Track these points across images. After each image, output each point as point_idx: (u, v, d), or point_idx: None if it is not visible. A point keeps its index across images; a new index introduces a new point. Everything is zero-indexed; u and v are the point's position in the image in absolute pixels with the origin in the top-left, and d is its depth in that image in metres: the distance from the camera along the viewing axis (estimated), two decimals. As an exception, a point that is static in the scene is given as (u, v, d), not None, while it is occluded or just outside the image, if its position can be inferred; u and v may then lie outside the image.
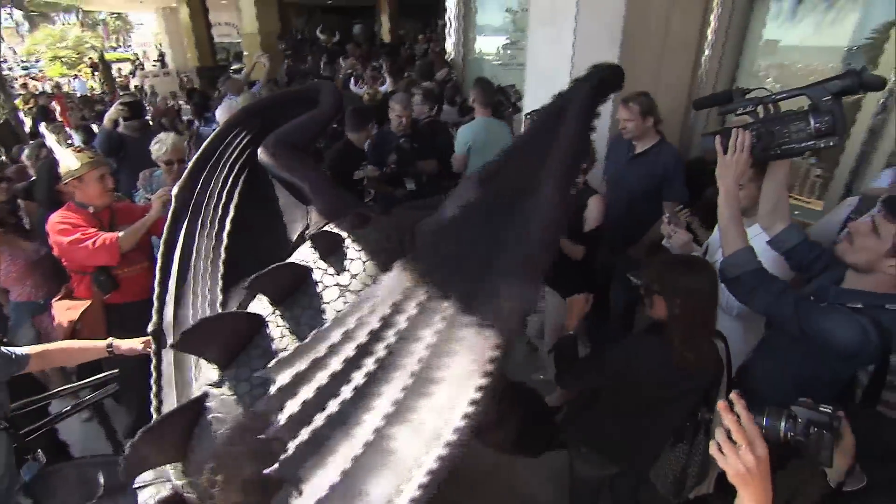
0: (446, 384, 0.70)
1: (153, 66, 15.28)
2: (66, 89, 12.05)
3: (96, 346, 1.65)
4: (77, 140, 2.11)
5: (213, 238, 1.55)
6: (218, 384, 1.09)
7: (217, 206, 1.59)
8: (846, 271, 1.35)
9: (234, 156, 1.67)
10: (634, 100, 2.54)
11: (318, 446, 0.78)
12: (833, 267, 1.40)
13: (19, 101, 9.32)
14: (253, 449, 1.00)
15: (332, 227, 1.28)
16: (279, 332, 1.12)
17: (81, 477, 1.50)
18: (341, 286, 1.14)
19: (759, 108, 1.40)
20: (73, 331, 2.10)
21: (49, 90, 11.95)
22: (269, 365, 0.92)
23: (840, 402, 1.07)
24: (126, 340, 1.65)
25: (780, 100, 1.38)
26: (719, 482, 1.39)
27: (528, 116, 2.76)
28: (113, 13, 24.73)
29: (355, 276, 1.15)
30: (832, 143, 1.31)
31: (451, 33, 5.30)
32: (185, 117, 6.40)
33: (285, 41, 7.20)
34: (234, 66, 11.97)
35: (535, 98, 3.15)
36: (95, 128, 5.07)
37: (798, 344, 1.35)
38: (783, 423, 0.97)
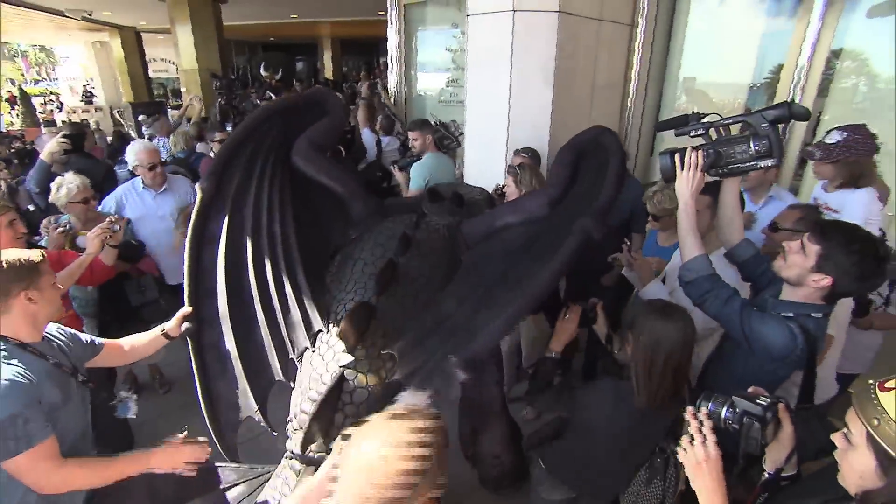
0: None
1: (82, 100, 14.53)
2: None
3: (155, 335, 1.65)
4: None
5: (278, 231, 1.69)
6: (353, 364, 1.45)
7: (270, 199, 1.73)
8: (783, 284, 1.51)
9: (266, 151, 1.78)
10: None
11: None
12: (777, 281, 1.56)
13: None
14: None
15: (399, 225, 1.71)
16: (388, 316, 1.51)
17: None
18: (420, 274, 1.61)
19: (712, 131, 1.55)
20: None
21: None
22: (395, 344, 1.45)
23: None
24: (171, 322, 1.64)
25: (727, 124, 1.53)
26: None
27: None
28: (35, 45, 23.47)
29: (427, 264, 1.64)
30: (769, 164, 1.45)
31: (393, 70, 5.41)
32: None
33: (218, 80, 7.11)
34: (172, 102, 11.63)
35: (476, 133, 3.25)
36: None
37: (741, 348, 1.50)
38: (724, 410, 1.12)
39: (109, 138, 7.03)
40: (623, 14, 3.23)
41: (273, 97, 7.60)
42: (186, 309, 1.63)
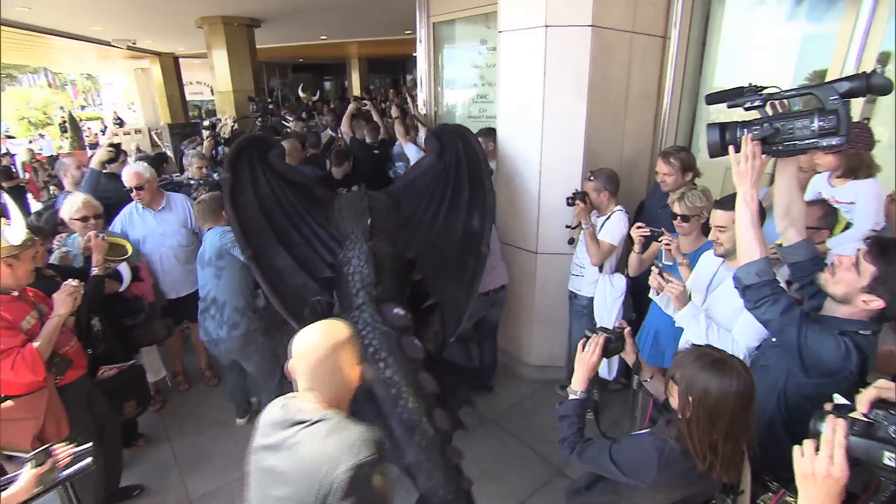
0: None
1: (115, 124, 15.28)
2: (33, 149, 11.85)
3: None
4: (8, 203, 1.96)
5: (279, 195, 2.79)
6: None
7: (268, 181, 2.79)
8: (826, 299, 1.43)
9: (254, 156, 2.81)
10: (675, 155, 2.60)
11: None
12: (821, 294, 1.47)
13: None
14: None
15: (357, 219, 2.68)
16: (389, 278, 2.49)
17: None
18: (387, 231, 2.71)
19: (768, 106, 1.39)
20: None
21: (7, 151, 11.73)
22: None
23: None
24: None
25: (789, 97, 1.38)
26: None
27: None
28: (83, 74, 24.85)
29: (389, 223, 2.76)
30: (834, 143, 1.28)
31: (422, 88, 5.49)
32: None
33: (255, 103, 7.36)
34: (205, 122, 12.07)
35: (509, 149, 3.26)
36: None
37: (783, 360, 1.43)
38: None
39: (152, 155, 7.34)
40: (656, 26, 3.21)
41: (305, 116, 7.87)
42: None
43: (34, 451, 1.51)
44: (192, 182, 3.89)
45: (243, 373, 3.03)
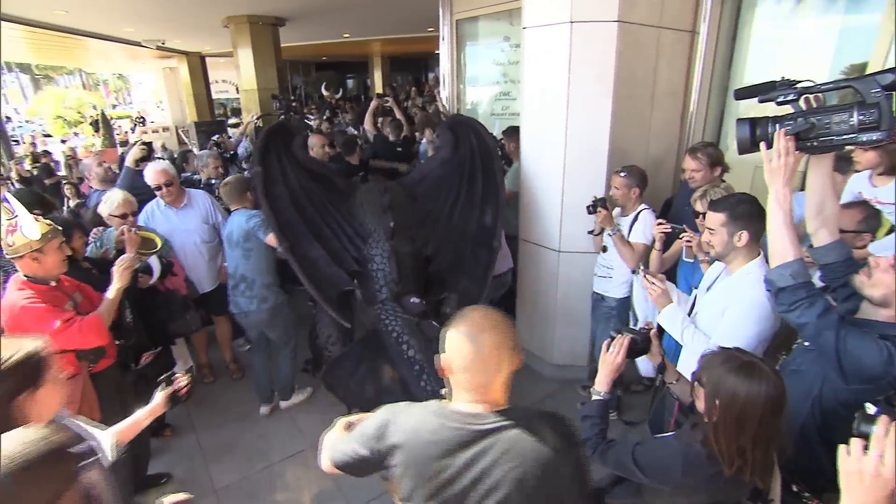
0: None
1: (137, 124, 15.74)
2: (68, 145, 12.30)
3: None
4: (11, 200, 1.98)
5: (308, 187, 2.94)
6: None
7: (296, 174, 2.92)
8: (862, 301, 1.38)
9: (280, 148, 2.96)
10: (702, 150, 2.55)
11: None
12: (856, 296, 1.42)
13: (29, 159, 9.47)
14: None
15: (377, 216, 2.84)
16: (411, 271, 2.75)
17: None
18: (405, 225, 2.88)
19: (801, 100, 1.33)
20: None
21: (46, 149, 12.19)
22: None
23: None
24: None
25: (827, 90, 1.31)
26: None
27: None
28: (114, 73, 25.61)
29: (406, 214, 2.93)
30: (875, 138, 1.21)
31: (445, 86, 5.49)
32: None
33: (278, 100, 7.46)
34: (231, 121, 12.29)
35: (534, 146, 3.23)
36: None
37: (817, 365, 1.37)
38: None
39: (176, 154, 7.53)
40: (684, 21, 3.13)
41: (329, 113, 7.96)
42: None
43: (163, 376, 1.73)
44: (213, 182, 3.96)
45: (269, 353, 3.17)
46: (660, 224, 2.37)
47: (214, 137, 5.24)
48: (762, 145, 1.37)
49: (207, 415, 3.25)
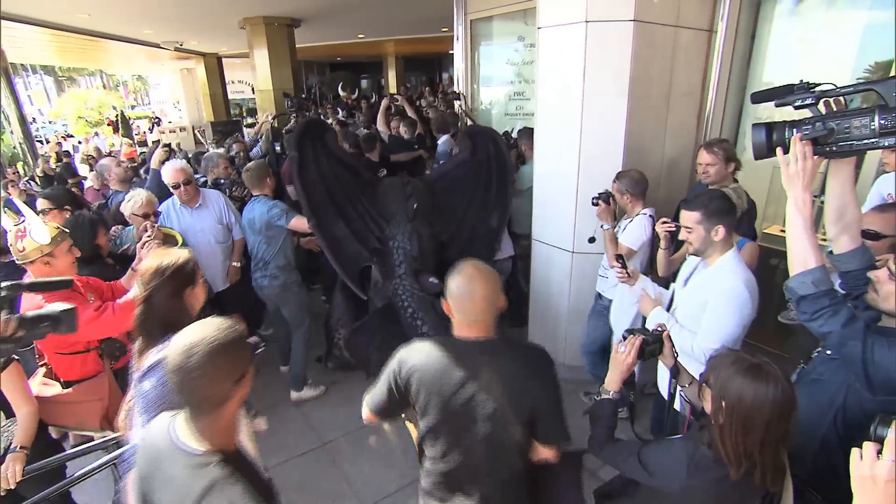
0: None
1: (169, 122, 16.00)
2: (89, 146, 12.58)
3: None
4: (19, 204, 1.99)
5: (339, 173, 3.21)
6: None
7: (328, 161, 3.17)
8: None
9: (315, 137, 3.18)
10: (718, 145, 2.56)
11: None
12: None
13: (53, 158, 9.71)
14: None
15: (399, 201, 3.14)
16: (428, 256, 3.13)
17: None
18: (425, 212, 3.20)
19: (822, 104, 1.29)
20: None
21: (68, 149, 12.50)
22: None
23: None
24: None
25: (847, 93, 1.26)
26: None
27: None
28: (133, 75, 26.12)
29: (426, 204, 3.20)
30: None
31: (459, 85, 5.49)
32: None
33: (290, 99, 7.53)
34: (246, 121, 12.44)
35: (548, 145, 3.22)
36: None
37: (839, 375, 1.33)
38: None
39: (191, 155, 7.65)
40: (701, 20, 3.09)
41: (345, 114, 8.03)
42: None
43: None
44: (221, 182, 4.00)
45: (287, 326, 3.47)
46: (664, 223, 2.34)
47: (231, 153, 5.28)
48: (779, 150, 1.34)
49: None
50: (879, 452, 0.87)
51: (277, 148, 5.14)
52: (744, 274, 1.82)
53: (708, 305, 1.83)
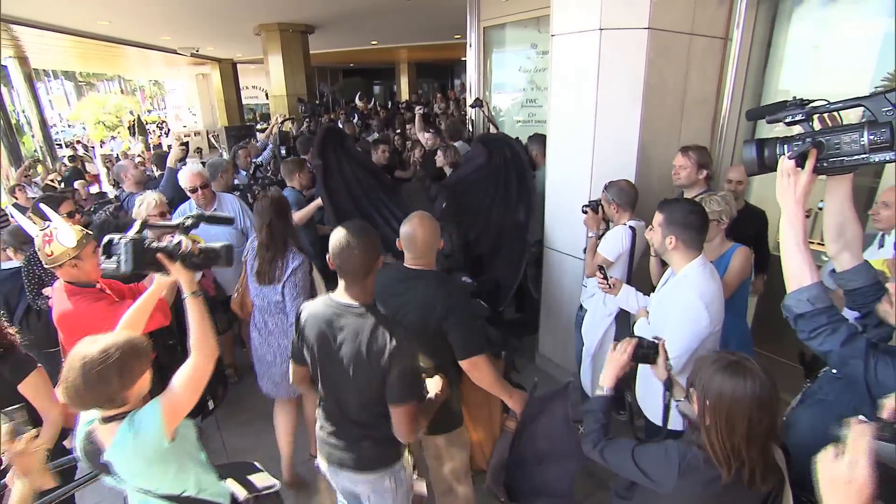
0: None
1: (184, 126, 16.24)
2: (105, 149, 12.83)
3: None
4: (46, 210, 2.09)
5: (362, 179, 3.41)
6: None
7: (351, 167, 3.35)
8: None
9: (335, 144, 3.37)
10: (694, 150, 2.64)
11: None
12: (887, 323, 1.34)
13: (68, 159, 9.92)
14: None
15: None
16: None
17: None
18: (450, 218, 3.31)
19: (816, 120, 1.29)
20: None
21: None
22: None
23: None
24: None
25: (837, 109, 1.26)
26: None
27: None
28: (150, 80, 26.60)
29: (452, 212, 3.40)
30: (887, 159, 1.16)
31: (471, 92, 5.51)
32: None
33: (304, 105, 7.61)
34: (259, 126, 12.59)
35: (560, 153, 3.22)
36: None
37: (847, 393, 1.30)
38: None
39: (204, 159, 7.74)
40: (716, 27, 3.07)
41: (361, 123, 8.14)
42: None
43: None
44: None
45: None
46: (651, 230, 2.33)
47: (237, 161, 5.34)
48: (766, 151, 1.33)
49: (233, 414, 3.32)
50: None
51: (283, 151, 5.20)
52: (703, 287, 1.78)
53: (668, 318, 1.85)
